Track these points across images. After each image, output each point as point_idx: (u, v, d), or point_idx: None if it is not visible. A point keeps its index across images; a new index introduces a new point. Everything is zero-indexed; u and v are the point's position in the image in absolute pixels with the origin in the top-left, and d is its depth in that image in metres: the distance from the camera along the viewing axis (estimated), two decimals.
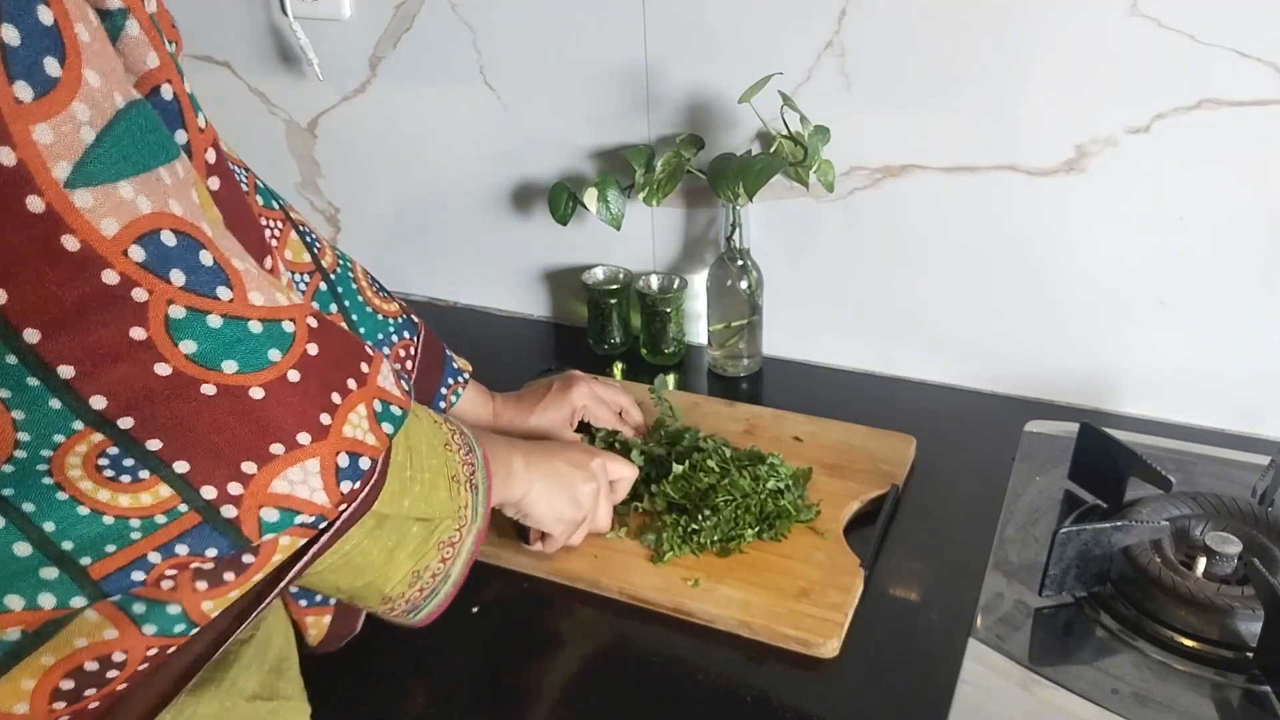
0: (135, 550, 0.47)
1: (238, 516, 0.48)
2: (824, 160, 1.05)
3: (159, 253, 0.44)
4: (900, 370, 1.17)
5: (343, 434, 0.52)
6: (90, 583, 0.47)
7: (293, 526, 0.51)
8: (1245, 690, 0.75)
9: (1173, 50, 0.91)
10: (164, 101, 0.51)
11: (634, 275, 1.24)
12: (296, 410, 0.50)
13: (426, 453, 0.63)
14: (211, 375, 0.46)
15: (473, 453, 0.69)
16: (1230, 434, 1.03)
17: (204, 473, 0.47)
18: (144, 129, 0.44)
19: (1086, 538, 0.81)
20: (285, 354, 0.49)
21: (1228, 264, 0.98)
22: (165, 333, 0.45)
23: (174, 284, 0.45)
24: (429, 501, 0.63)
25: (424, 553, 0.65)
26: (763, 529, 0.89)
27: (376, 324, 0.87)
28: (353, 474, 0.53)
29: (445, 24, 1.20)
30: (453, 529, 0.66)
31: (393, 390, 0.57)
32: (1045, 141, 0.99)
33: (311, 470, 0.50)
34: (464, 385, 0.94)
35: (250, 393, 0.48)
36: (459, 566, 0.68)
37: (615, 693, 0.78)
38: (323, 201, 1.41)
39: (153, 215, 0.44)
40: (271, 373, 0.48)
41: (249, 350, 0.48)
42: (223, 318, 0.47)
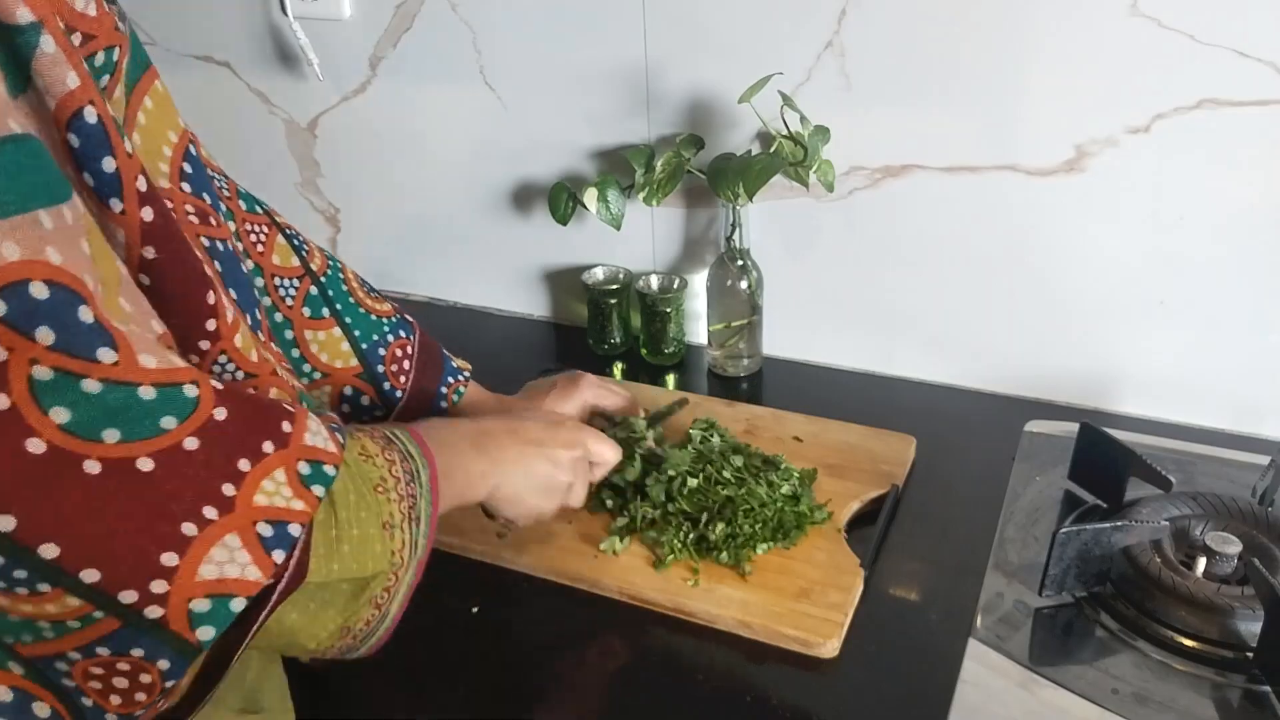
0: (53, 646, 0.44)
1: (164, 616, 0.44)
2: (824, 160, 1.05)
3: (23, 307, 0.39)
4: (900, 370, 1.17)
5: (253, 503, 0.47)
6: (21, 659, 0.44)
7: (226, 615, 0.46)
8: (1245, 690, 0.75)
9: (1173, 50, 0.91)
10: (89, 125, 0.46)
11: (634, 275, 1.24)
12: (195, 482, 0.45)
13: (354, 503, 0.57)
14: (92, 448, 0.41)
15: (414, 481, 0.62)
16: (1230, 434, 1.03)
17: (119, 577, 0.42)
18: (22, 167, 0.40)
19: (1086, 538, 0.81)
20: (183, 421, 0.45)
21: (1228, 264, 0.98)
22: (31, 399, 0.40)
23: (40, 343, 0.40)
24: (360, 560, 0.57)
25: (354, 610, 0.58)
26: (776, 538, 0.88)
27: (371, 324, 0.86)
28: (283, 541, 0.48)
29: (445, 24, 1.20)
30: (387, 581, 0.59)
31: (325, 446, 0.52)
32: (1045, 141, 0.99)
33: (234, 546, 0.46)
34: (464, 384, 0.93)
35: (137, 465, 0.43)
36: (396, 605, 0.61)
37: (615, 693, 0.78)
38: (323, 201, 1.41)
39: (21, 264, 0.39)
40: (163, 441, 0.44)
41: (135, 417, 0.43)
42: (102, 382, 0.42)
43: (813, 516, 0.90)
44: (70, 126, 0.46)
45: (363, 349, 0.84)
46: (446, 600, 0.84)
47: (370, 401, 0.85)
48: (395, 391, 0.86)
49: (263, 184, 1.40)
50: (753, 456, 0.96)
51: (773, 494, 0.90)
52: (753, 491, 0.90)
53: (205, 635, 0.46)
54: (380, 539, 0.58)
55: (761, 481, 0.91)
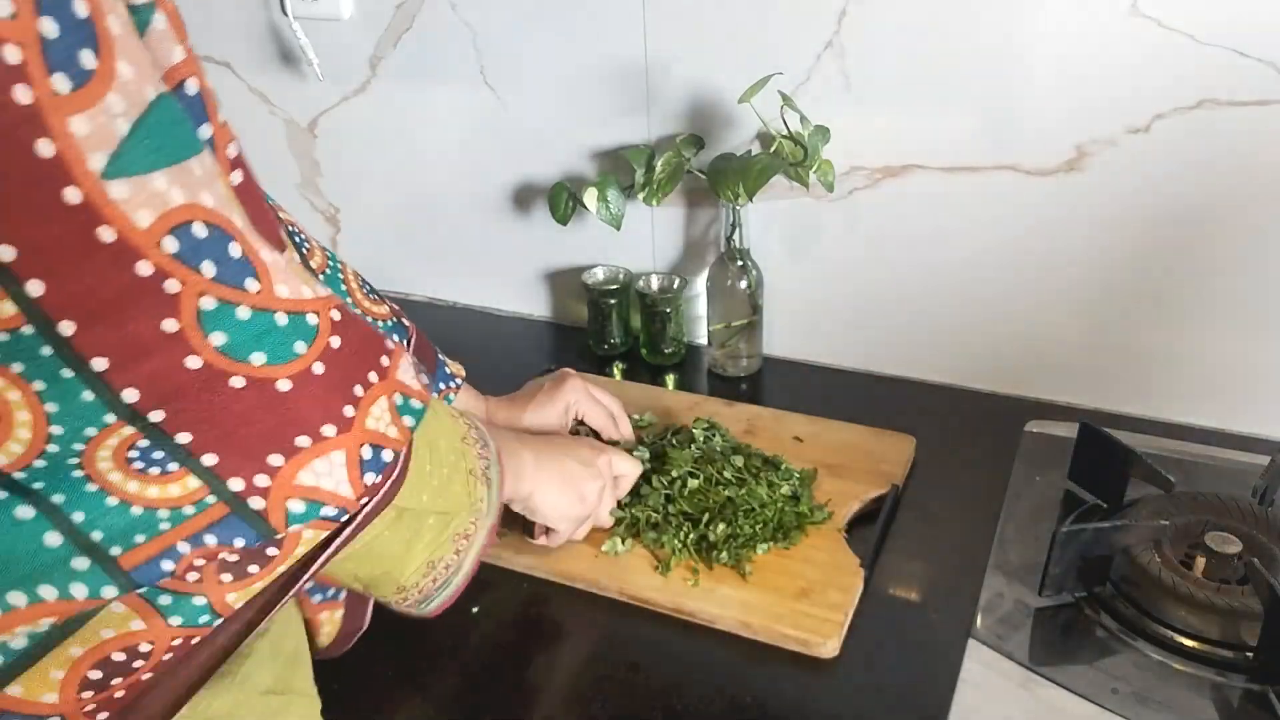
0: (164, 540, 0.48)
1: (265, 508, 0.49)
2: (824, 160, 1.05)
3: (191, 244, 0.44)
4: (900, 370, 1.17)
5: (365, 426, 0.52)
6: (121, 573, 0.47)
7: (317, 519, 0.51)
8: (1245, 690, 0.75)
9: (1173, 50, 0.91)
10: (189, 96, 0.51)
11: (634, 275, 1.24)
12: (321, 403, 0.50)
13: (445, 447, 0.64)
14: (240, 367, 0.46)
15: (487, 447, 0.70)
16: (1230, 434, 1.03)
17: (232, 465, 0.47)
18: (173, 121, 0.45)
19: (1086, 538, 0.81)
20: (310, 346, 0.49)
21: (1228, 264, 0.98)
22: (196, 324, 0.45)
23: (205, 275, 0.45)
24: (446, 495, 0.64)
25: (439, 544, 0.65)
26: (777, 538, 0.88)
27: None
28: (376, 466, 0.53)
29: (445, 24, 1.20)
30: (468, 522, 0.67)
31: (412, 384, 0.57)
32: (1045, 141, 0.99)
33: (337, 462, 0.51)
34: (456, 390, 0.93)
35: (277, 385, 0.48)
36: (471, 558, 0.68)
37: (615, 693, 0.78)
38: (323, 201, 1.41)
39: (185, 207, 0.44)
40: (297, 365, 0.49)
41: (276, 342, 0.48)
42: (251, 310, 0.47)
43: (812, 516, 0.90)
44: (173, 95, 0.49)
45: None
46: None
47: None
48: None
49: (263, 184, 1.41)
50: (753, 457, 0.96)
51: (773, 494, 0.90)
52: (753, 492, 0.90)
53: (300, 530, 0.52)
54: (464, 482, 0.65)
55: (762, 482, 0.91)
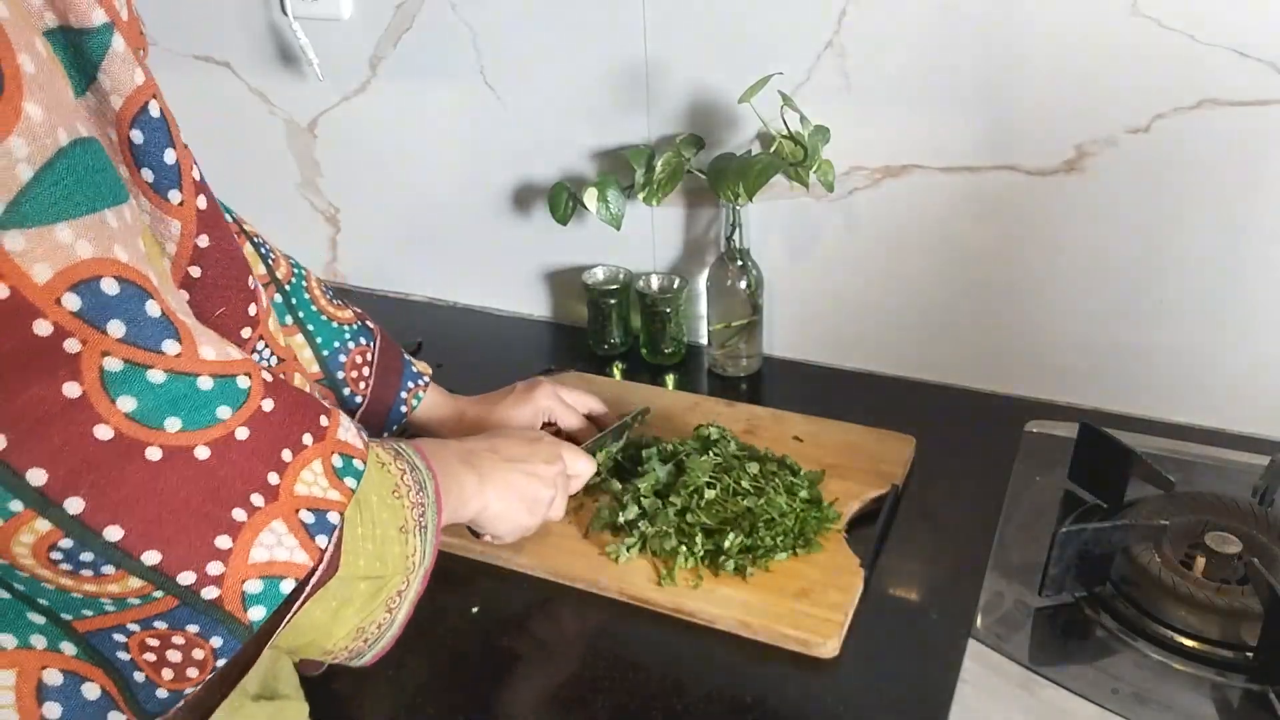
0: (113, 619, 0.45)
1: (219, 596, 0.46)
2: (824, 160, 1.05)
3: (96, 301, 0.41)
4: (900, 370, 1.17)
5: (295, 492, 0.50)
6: (77, 635, 0.46)
7: (276, 596, 0.48)
8: (1245, 690, 0.75)
9: (1173, 50, 0.91)
10: (152, 120, 0.49)
11: (634, 275, 1.24)
12: (244, 470, 0.47)
13: (376, 505, 0.60)
14: (155, 435, 0.43)
15: (423, 491, 0.65)
16: (1230, 434, 1.03)
17: (178, 559, 0.44)
18: (90, 168, 0.42)
19: (1086, 538, 0.81)
20: (236, 410, 0.47)
21: (1228, 264, 0.98)
22: (101, 388, 0.42)
23: (111, 335, 0.42)
24: (382, 559, 0.60)
25: (370, 610, 0.61)
26: (797, 546, 0.87)
27: (332, 331, 0.87)
28: (325, 527, 0.50)
29: (445, 24, 1.20)
30: (401, 583, 0.63)
31: (354, 443, 0.55)
32: (1045, 141, 0.99)
33: (281, 531, 0.48)
34: (424, 389, 0.94)
35: (195, 453, 0.45)
36: (404, 612, 0.64)
37: (615, 693, 0.78)
38: (323, 201, 1.41)
39: (93, 261, 0.41)
40: (217, 430, 0.46)
41: (194, 407, 0.45)
42: (166, 373, 0.44)
43: (827, 519, 0.90)
44: (135, 123, 0.48)
45: (324, 355, 0.86)
46: (446, 600, 0.84)
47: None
48: (355, 397, 0.88)
49: (263, 184, 1.41)
50: (768, 461, 0.95)
51: (793, 503, 0.90)
52: (772, 501, 0.89)
53: (257, 615, 0.48)
54: (398, 541, 0.61)
55: (780, 489, 0.91)
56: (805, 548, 0.87)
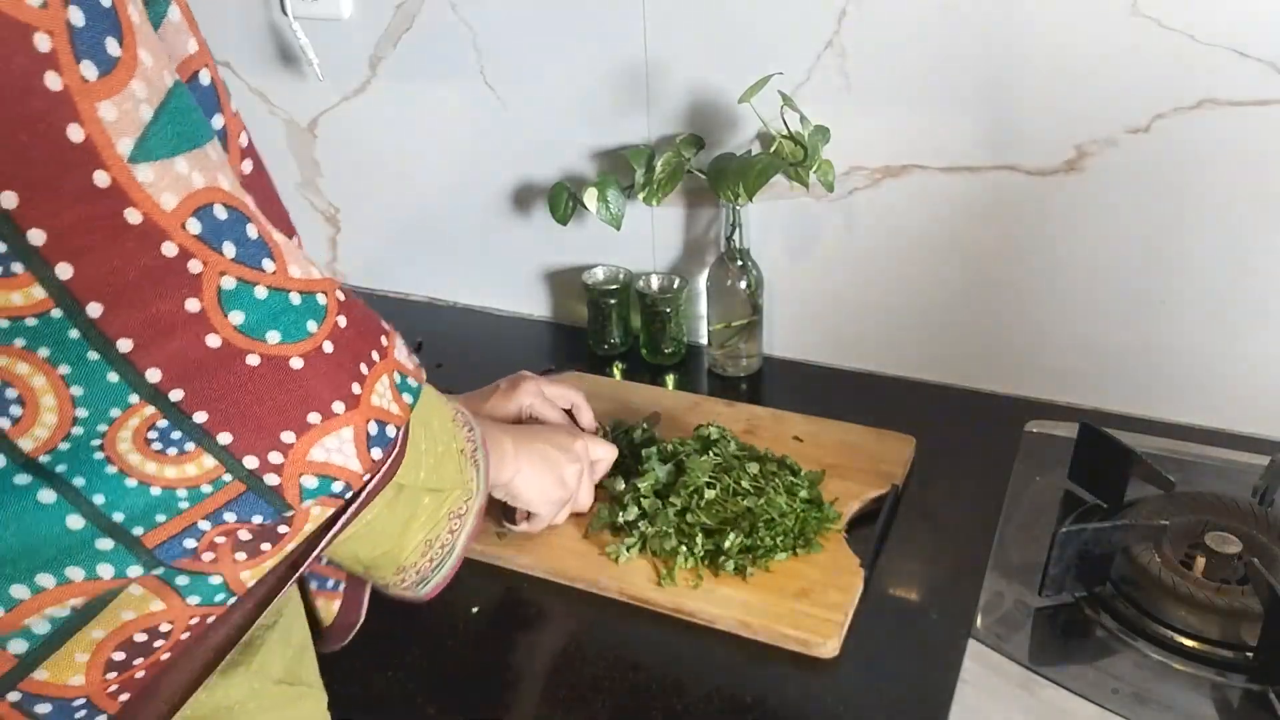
0: (185, 519, 0.48)
1: (279, 484, 0.50)
2: (824, 160, 1.05)
3: (213, 226, 0.45)
4: (900, 370, 1.17)
5: (371, 403, 0.53)
6: (145, 551, 0.48)
7: (328, 494, 0.52)
8: (1245, 690, 0.75)
9: (1173, 50, 0.91)
10: (202, 87, 0.52)
11: (634, 275, 1.24)
12: (331, 380, 0.51)
13: (437, 426, 0.65)
14: (257, 346, 0.47)
15: (474, 431, 0.71)
16: (1230, 434, 1.03)
17: (246, 444, 0.48)
18: (189, 107, 0.46)
19: (1086, 538, 0.81)
20: (320, 325, 0.51)
21: (1227, 264, 0.98)
22: (217, 304, 0.46)
23: (226, 256, 0.46)
24: (440, 473, 0.65)
25: (436, 522, 0.67)
26: (797, 546, 0.87)
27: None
28: (382, 441, 0.54)
29: (445, 24, 1.20)
30: (461, 500, 0.68)
31: (407, 364, 0.58)
32: (1045, 141, 0.99)
33: (346, 438, 0.52)
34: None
35: (290, 363, 0.49)
36: (463, 539, 0.70)
37: (615, 693, 0.78)
38: (323, 201, 1.41)
39: (206, 190, 0.45)
40: (309, 344, 0.50)
41: (290, 321, 0.49)
42: (268, 289, 0.48)
43: (827, 519, 0.90)
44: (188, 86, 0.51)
45: None
46: (446, 600, 0.84)
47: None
48: None
49: None
50: (768, 461, 0.95)
51: (793, 503, 0.90)
52: (772, 501, 0.89)
53: (314, 511, 0.53)
54: (456, 461, 0.67)
55: (780, 489, 0.91)
56: (805, 548, 0.87)
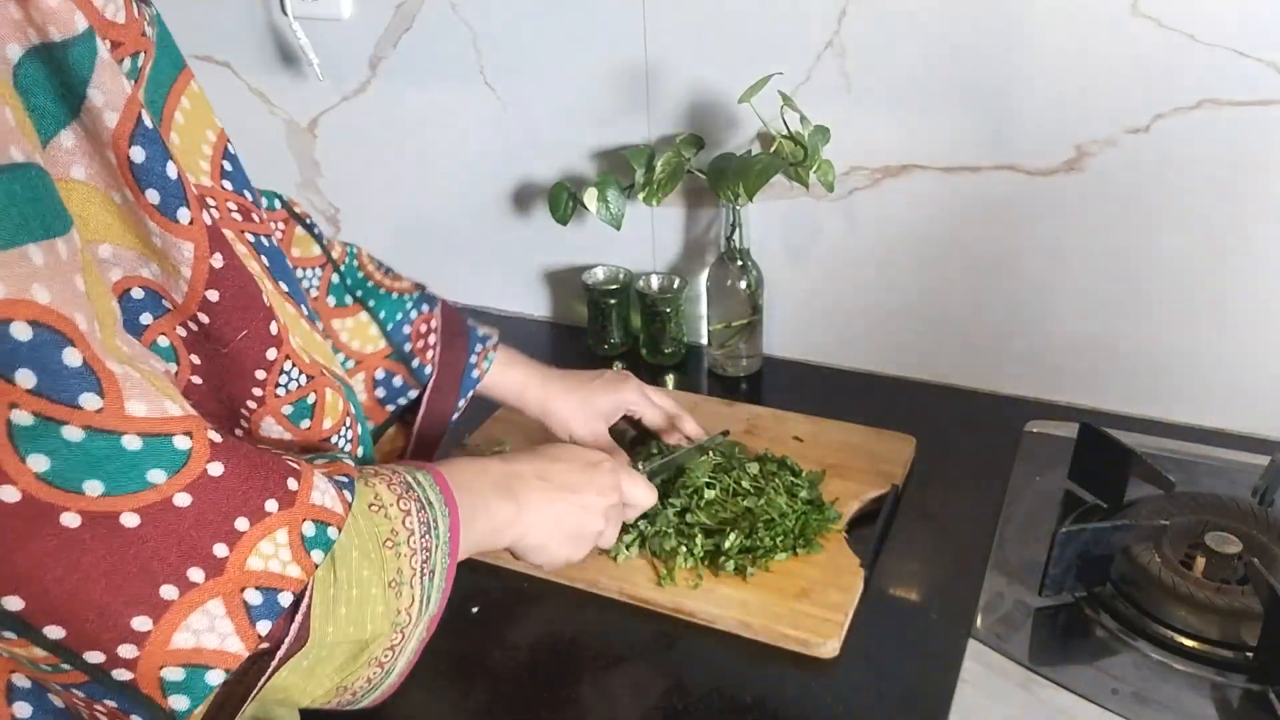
0: (41, 678, 0.43)
1: (133, 680, 0.42)
2: (824, 160, 1.05)
3: (4, 347, 0.38)
4: (900, 370, 1.17)
5: (246, 568, 0.45)
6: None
7: (202, 686, 0.44)
8: (1245, 690, 0.75)
9: (1173, 50, 0.91)
10: (148, 131, 0.46)
11: (634, 275, 1.24)
12: (185, 541, 0.43)
13: (356, 561, 0.54)
14: (72, 500, 0.39)
15: (431, 533, 0.59)
16: (1230, 434, 1.03)
17: (84, 637, 0.40)
18: (14, 199, 0.38)
19: (1086, 538, 0.81)
20: (174, 475, 0.43)
21: (1227, 264, 0.98)
22: (9, 444, 0.38)
23: (20, 385, 0.38)
24: (359, 622, 0.54)
25: (353, 669, 0.56)
26: (797, 547, 0.87)
27: (393, 303, 0.84)
28: (270, 611, 0.46)
29: (445, 24, 1.20)
30: (389, 641, 0.57)
31: (332, 506, 0.50)
32: (1045, 141, 0.99)
33: (216, 614, 0.44)
34: (494, 348, 0.90)
35: (121, 520, 0.41)
36: (404, 660, 0.59)
37: (615, 693, 0.78)
38: (323, 201, 1.41)
39: (3, 303, 0.37)
40: (150, 495, 0.42)
41: (119, 469, 0.41)
42: (84, 430, 0.40)
43: (827, 520, 0.90)
44: (134, 139, 0.45)
45: (388, 330, 0.83)
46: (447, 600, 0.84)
47: (403, 381, 0.84)
48: (425, 367, 0.84)
49: (263, 184, 1.41)
50: (768, 461, 0.95)
51: (793, 504, 0.90)
52: (772, 501, 0.89)
53: (180, 705, 0.44)
54: (383, 599, 0.55)
55: (780, 489, 0.91)
56: (805, 548, 0.87)
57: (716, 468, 0.92)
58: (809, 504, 0.91)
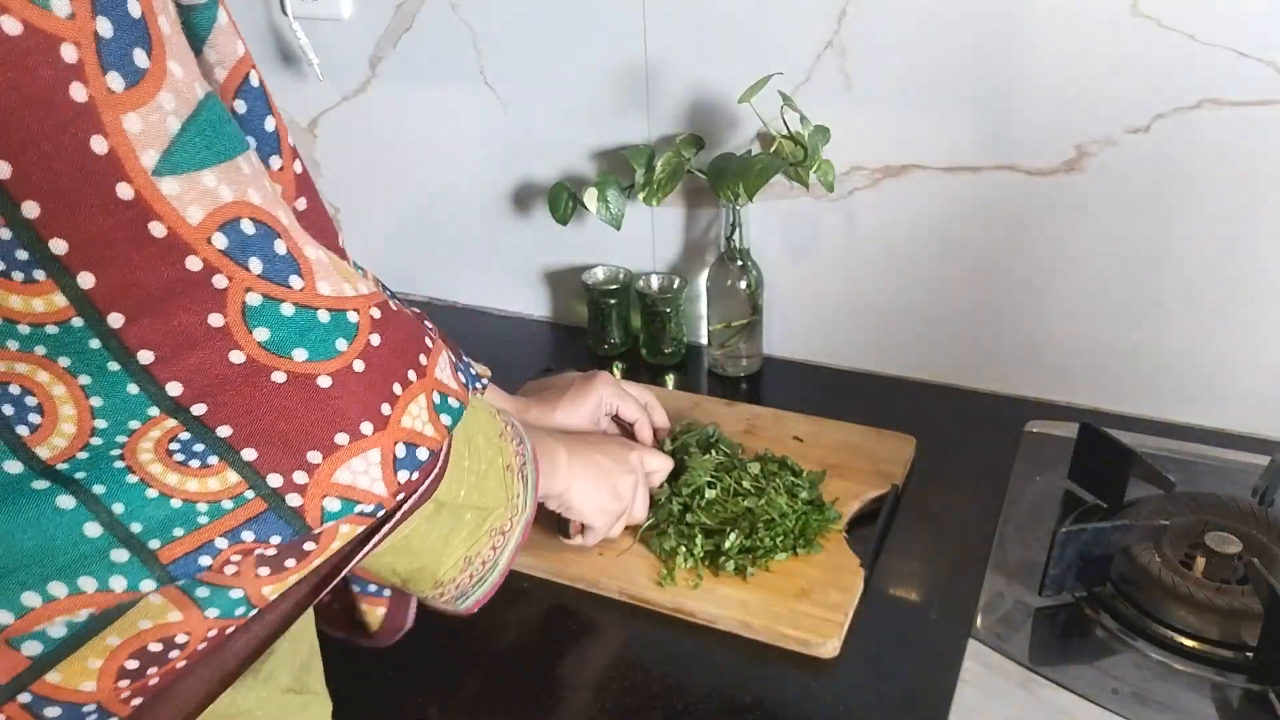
0: (202, 535, 0.48)
1: (302, 505, 0.49)
2: (824, 160, 1.05)
3: (239, 240, 0.45)
4: (900, 370, 1.17)
5: (402, 425, 0.52)
6: (159, 566, 0.48)
7: (352, 515, 0.51)
8: (1245, 690, 0.75)
9: (1173, 50, 0.91)
10: (253, 89, 0.52)
11: (634, 275, 1.24)
12: (360, 400, 0.50)
13: (483, 443, 0.64)
14: (282, 363, 0.47)
15: (523, 444, 0.70)
16: (1230, 434, 1.03)
17: (271, 461, 0.48)
18: (221, 120, 0.45)
19: (1086, 538, 0.81)
20: (350, 344, 0.50)
21: (1227, 264, 0.98)
22: (241, 319, 0.45)
23: (252, 271, 0.46)
24: (483, 491, 0.64)
25: (476, 539, 0.66)
26: (798, 547, 0.87)
27: None
28: (410, 464, 0.53)
29: (445, 24, 1.20)
30: (505, 517, 0.67)
31: (450, 383, 0.57)
32: (1045, 141, 0.99)
33: (373, 460, 0.51)
34: (483, 391, 0.91)
35: (318, 381, 0.48)
36: (507, 555, 0.69)
37: (615, 693, 0.78)
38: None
39: (234, 204, 0.45)
40: (338, 362, 0.49)
41: (318, 339, 0.48)
42: (294, 306, 0.47)
43: (828, 520, 0.90)
44: (238, 93, 0.51)
45: None
46: None
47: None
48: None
49: None
50: (769, 461, 0.95)
51: (794, 504, 0.90)
52: (773, 501, 0.89)
53: (332, 512, 0.51)
54: (501, 478, 0.66)
55: (780, 489, 0.91)
56: (805, 548, 0.87)
57: (717, 467, 0.92)
58: (809, 504, 0.91)
